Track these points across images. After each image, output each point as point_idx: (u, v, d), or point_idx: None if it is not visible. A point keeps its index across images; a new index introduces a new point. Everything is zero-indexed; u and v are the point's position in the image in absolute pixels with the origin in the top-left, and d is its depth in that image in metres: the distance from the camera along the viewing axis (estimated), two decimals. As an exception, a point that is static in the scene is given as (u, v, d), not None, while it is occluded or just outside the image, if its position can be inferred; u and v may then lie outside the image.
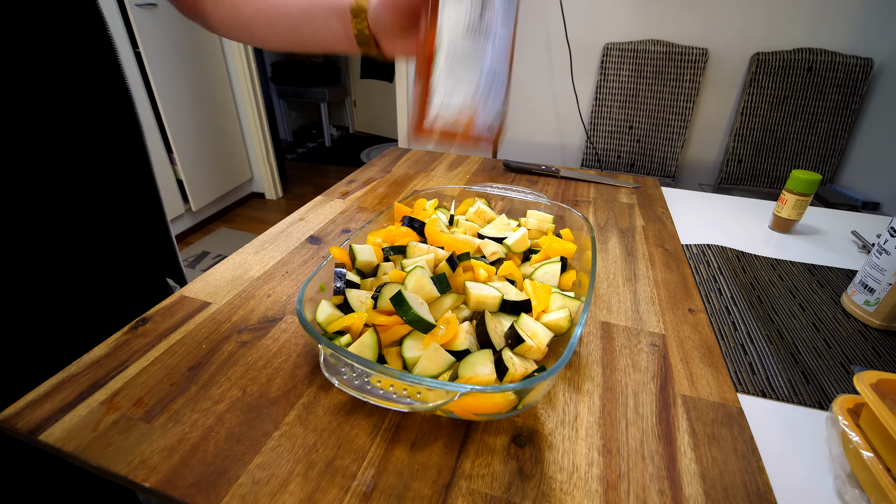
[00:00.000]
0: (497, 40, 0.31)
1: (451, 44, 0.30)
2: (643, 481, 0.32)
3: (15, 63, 0.38)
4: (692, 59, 1.62)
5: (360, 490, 0.31)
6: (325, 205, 0.74)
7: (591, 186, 0.86)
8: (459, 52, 0.30)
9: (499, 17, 0.31)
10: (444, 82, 0.31)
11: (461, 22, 0.30)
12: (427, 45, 0.31)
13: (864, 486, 0.32)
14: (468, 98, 0.31)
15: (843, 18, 1.49)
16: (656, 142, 1.75)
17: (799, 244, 0.70)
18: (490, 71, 0.31)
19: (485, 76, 0.31)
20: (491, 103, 0.31)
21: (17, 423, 0.34)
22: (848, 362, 0.46)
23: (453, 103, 0.31)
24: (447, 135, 0.31)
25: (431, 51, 0.31)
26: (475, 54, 0.30)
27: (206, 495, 0.30)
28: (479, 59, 0.30)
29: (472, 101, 0.31)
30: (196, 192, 2.22)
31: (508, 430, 0.36)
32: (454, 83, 0.31)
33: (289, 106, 3.70)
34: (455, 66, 0.31)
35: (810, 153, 1.62)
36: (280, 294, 0.51)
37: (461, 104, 0.31)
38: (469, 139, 0.31)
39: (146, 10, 1.81)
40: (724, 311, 0.53)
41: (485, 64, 0.31)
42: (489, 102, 0.31)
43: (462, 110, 0.31)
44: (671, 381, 0.41)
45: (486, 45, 0.30)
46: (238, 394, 0.38)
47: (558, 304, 0.44)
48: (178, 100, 2.03)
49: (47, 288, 0.44)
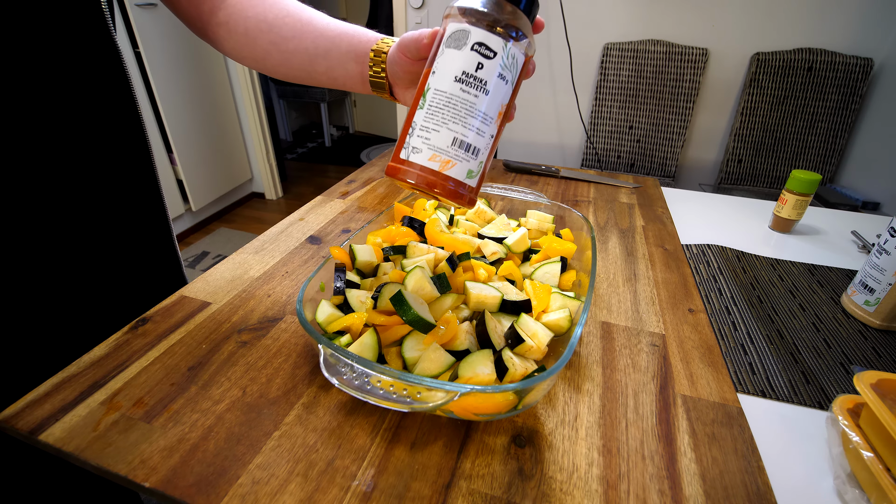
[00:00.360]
0: (490, 97, 0.30)
1: (439, 88, 0.30)
2: (643, 481, 0.32)
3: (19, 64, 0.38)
4: (692, 59, 1.62)
5: (360, 490, 0.31)
6: (325, 205, 0.74)
7: (591, 186, 0.86)
8: (445, 98, 0.29)
9: (495, 74, 0.30)
10: (424, 123, 0.30)
11: (455, 69, 0.29)
12: (420, 84, 0.31)
13: (864, 486, 0.32)
14: (443, 145, 0.29)
15: (843, 18, 1.49)
16: (656, 142, 1.75)
17: (799, 244, 0.70)
18: (474, 126, 0.30)
19: (467, 130, 0.30)
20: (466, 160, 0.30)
21: (17, 423, 0.34)
22: (848, 362, 0.46)
23: (427, 147, 0.29)
24: (417, 177, 0.30)
25: (422, 90, 0.31)
26: (462, 105, 0.29)
27: (206, 495, 0.30)
28: (466, 111, 0.29)
29: (448, 149, 0.29)
30: (196, 192, 2.22)
31: (508, 430, 0.36)
32: (433, 126, 0.30)
33: (289, 106, 3.70)
34: (439, 110, 0.30)
35: (810, 153, 1.62)
36: (280, 294, 0.51)
37: (434, 150, 0.29)
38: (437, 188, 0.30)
39: (146, 10, 1.81)
40: (724, 311, 0.53)
41: (470, 118, 0.30)
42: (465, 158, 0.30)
43: (435, 156, 0.29)
44: (671, 381, 0.41)
45: (475, 99, 0.29)
46: (238, 394, 0.38)
47: (558, 304, 0.44)
48: (178, 100, 2.03)
49: (48, 288, 0.44)
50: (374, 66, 0.39)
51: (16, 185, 0.40)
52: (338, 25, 0.42)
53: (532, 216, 0.58)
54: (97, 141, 0.46)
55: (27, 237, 0.41)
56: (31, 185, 0.41)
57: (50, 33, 0.39)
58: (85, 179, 0.45)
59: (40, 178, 0.41)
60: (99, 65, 0.44)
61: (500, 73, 0.30)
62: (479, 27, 0.29)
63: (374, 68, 0.39)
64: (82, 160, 0.45)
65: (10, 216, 0.40)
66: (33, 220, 0.42)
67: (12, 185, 0.39)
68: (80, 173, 0.45)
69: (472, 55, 0.29)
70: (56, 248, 0.44)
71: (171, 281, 0.58)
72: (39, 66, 0.39)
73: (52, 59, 0.40)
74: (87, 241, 0.47)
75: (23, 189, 0.40)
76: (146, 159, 0.52)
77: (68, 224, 0.44)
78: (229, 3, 0.44)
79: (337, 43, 0.41)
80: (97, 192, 0.47)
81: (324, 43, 0.41)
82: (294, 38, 0.42)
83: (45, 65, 0.40)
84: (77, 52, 0.42)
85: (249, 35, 0.44)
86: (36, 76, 0.39)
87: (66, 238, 0.45)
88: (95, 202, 0.47)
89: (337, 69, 0.42)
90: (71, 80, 0.42)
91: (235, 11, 0.44)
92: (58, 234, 0.44)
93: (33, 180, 0.41)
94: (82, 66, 0.43)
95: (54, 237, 0.44)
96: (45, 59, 0.39)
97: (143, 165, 0.52)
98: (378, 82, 0.40)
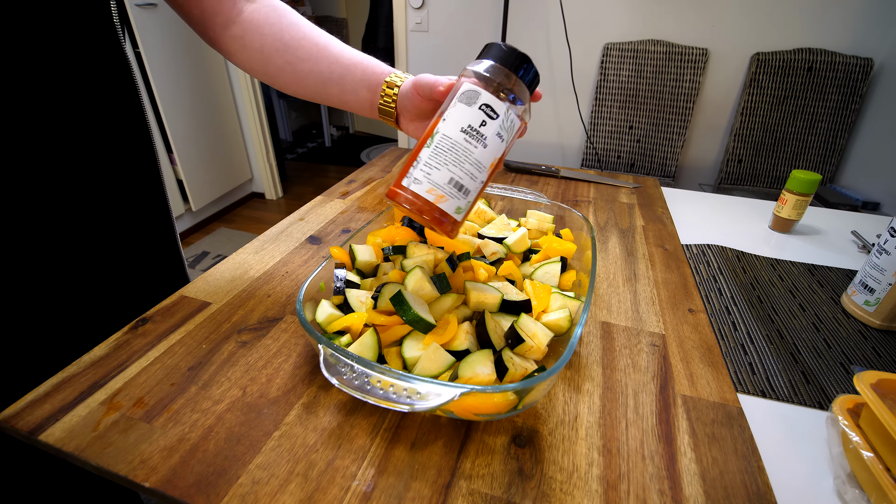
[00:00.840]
0: (487, 150, 0.35)
1: (447, 134, 0.35)
2: (643, 481, 0.32)
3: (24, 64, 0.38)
4: (692, 59, 1.62)
5: (360, 490, 0.31)
6: (325, 205, 0.74)
7: (591, 186, 0.86)
8: (450, 143, 0.34)
9: (495, 132, 0.35)
10: (427, 160, 0.35)
11: (463, 121, 0.35)
12: (431, 126, 0.36)
13: (864, 486, 0.32)
14: (441, 182, 0.34)
15: (843, 18, 1.49)
16: (656, 142, 1.75)
17: (799, 244, 0.70)
18: (469, 172, 0.35)
19: (463, 173, 0.35)
20: (457, 198, 0.35)
21: (17, 423, 0.34)
22: (848, 362, 0.46)
23: (427, 180, 0.34)
24: (412, 203, 0.34)
25: (431, 132, 0.36)
26: (463, 152, 0.34)
27: (206, 495, 0.30)
28: (465, 157, 0.34)
29: (444, 186, 0.34)
30: (196, 192, 2.22)
31: (508, 430, 0.36)
32: (435, 164, 0.34)
33: (289, 106, 3.70)
34: (443, 153, 0.34)
35: (810, 153, 1.62)
36: (280, 294, 0.51)
37: (432, 184, 0.34)
38: (427, 216, 0.35)
39: (146, 10, 1.81)
40: (724, 311, 0.53)
41: (467, 164, 0.35)
42: (456, 196, 0.35)
43: (432, 189, 0.34)
44: (671, 381, 0.41)
45: (475, 149, 0.35)
46: (238, 394, 0.38)
47: (558, 304, 0.44)
48: (178, 100, 2.03)
49: (48, 288, 0.44)
50: (384, 97, 0.43)
51: (22, 185, 0.40)
52: (353, 54, 0.45)
53: (532, 216, 0.58)
54: (103, 144, 0.46)
55: (31, 237, 0.42)
56: (37, 185, 0.41)
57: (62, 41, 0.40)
58: (91, 182, 0.45)
59: (46, 179, 0.42)
60: (108, 72, 0.45)
61: (498, 132, 0.35)
62: (488, 91, 0.35)
63: (385, 98, 0.43)
64: (88, 163, 0.45)
65: (15, 216, 0.40)
66: (38, 221, 0.42)
67: (19, 186, 0.40)
68: (86, 176, 0.45)
69: (479, 113, 0.35)
70: (59, 248, 0.44)
71: (174, 280, 0.58)
72: (50, 73, 0.40)
73: (63, 66, 0.40)
74: (90, 241, 0.47)
75: (29, 189, 0.40)
76: (152, 162, 0.52)
77: (72, 224, 0.45)
78: (245, 19, 0.45)
79: (351, 70, 0.44)
80: (102, 193, 0.47)
81: (338, 69, 0.44)
82: (309, 60, 0.44)
83: (56, 72, 0.40)
84: (87, 59, 0.42)
85: (265, 52, 0.45)
86: (46, 82, 0.39)
87: (70, 238, 0.45)
88: (100, 203, 0.47)
89: (349, 94, 0.45)
90: (80, 85, 0.42)
91: (251, 28, 0.45)
92: (62, 234, 0.44)
93: (39, 181, 0.41)
94: (92, 73, 0.43)
95: (58, 237, 0.44)
96: (56, 66, 0.40)
97: (148, 168, 0.52)
98: (387, 110, 0.43)
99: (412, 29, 1.96)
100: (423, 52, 1.99)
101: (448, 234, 0.36)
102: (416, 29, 1.95)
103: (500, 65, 0.36)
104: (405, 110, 0.42)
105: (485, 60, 0.36)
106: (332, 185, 0.83)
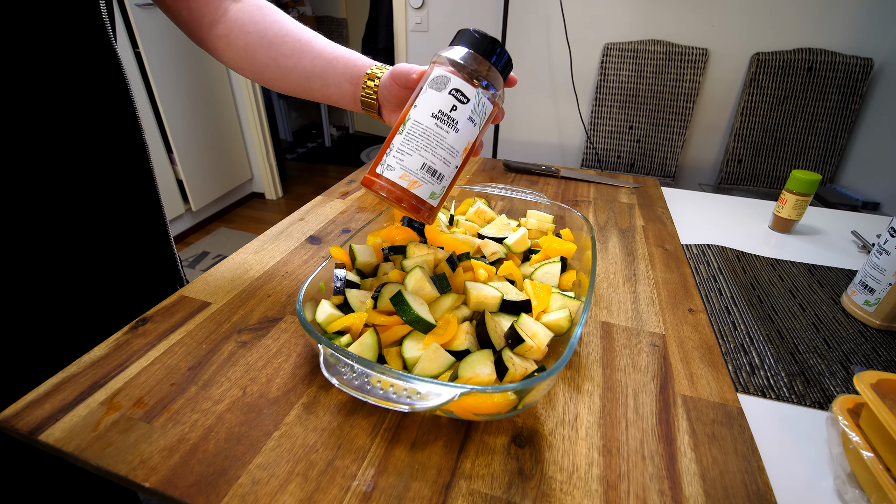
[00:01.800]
0: (459, 135, 0.35)
1: (418, 120, 0.35)
2: (643, 481, 0.32)
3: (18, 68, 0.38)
4: (692, 59, 1.62)
5: (360, 490, 0.31)
6: (325, 205, 0.74)
7: (591, 186, 0.86)
8: (422, 129, 0.35)
9: (466, 117, 0.35)
10: (400, 146, 0.35)
11: (433, 107, 0.35)
12: (403, 113, 0.36)
13: (864, 486, 0.32)
14: (414, 167, 0.35)
15: (843, 18, 1.49)
16: (656, 142, 1.75)
17: (799, 244, 0.70)
18: (442, 157, 0.35)
19: (436, 158, 0.35)
20: (431, 183, 0.35)
21: (17, 423, 0.34)
22: (848, 362, 0.46)
23: (400, 166, 0.35)
24: (387, 190, 0.35)
25: (403, 119, 0.36)
26: (435, 137, 0.35)
27: (206, 495, 0.30)
28: (437, 143, 0.35)
29: (417, 172, 0.35)
30: (196, 192, 2.22)
31: (508, 430, 0.36)
32: (408, 150, 0.35)
33: (289, 106, 3.70)
34: (414, 138, 0.35)
35: (810, 153, 1.62)
36: (280, 294, 0.51)
37: (405, 170, 0.35)
38: (403, 202, 0.35)
39: (146, 10, 1.81)
40: (724, 311, 0.53)
41: (440, 149, 0.35)
42: (430, 182, 0.35)
43: (405, 175, 0.34)
44: (671, 381, 0.41)
45: (447, 134, 0.35)
46: (238, 394, 0.38)
47: (558, 304, 0.44)
48: (178, 100, 2.03)
49: (47, 288, 0.44)
50: (366, 88, 0.44)
51: (16, 184, 0.40)
52: (335, 48, 0.46)
53: (532, 216, 0.58)
54: (95, 144, 0.46)
55: (27, 237, 0.41)
56: (31, 184, 0.41)
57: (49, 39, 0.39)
58: (82, 179, 0.45)
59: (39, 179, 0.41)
60: (98, 71, 0.44)
61: (469, 117, 0.36)
62: (458, 76, 0.35)
63: (366, 90, 0.44)
64: (81, 162, 0.45)
65: (10, 216, 0.40)
66: (33, 220, 0.42)
67: (12, 185, 0.39)
68: (78, 173, 0.45)
69: (450, 98, 0.35)
70: (55, 247, 0.44)
71: (168, 277, 0.58)
72: (38, 71, 0.39)
73: (51, 64, 0.40)
74: (85, 240, 0.47)
75: (22, 189, 0.40)
76: (143, 159, 0.52)
77: (67, 223, 0.44)
78: (230, 18, 0.46)
79: (334, 64, 0.45)
80: (94, 192, 0.47)
81: (321, 63, 0.45)
82: (293, 56, 0.45)
83: (44, 70, 0.40)
84: (75, 58, 0.42)
85: (249, 49, 0.46)
86: (34, 81, 0.39)
87: (65, 237, 0.45)
88: (94, 202, 0.47)
89: (332, 87, 0.45)
90: (69, 85, 0.42)
91: (236, 26, 0.46)
92: (57, 233, 0.44)
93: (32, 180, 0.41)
94: (81, 73, 0.43)
95: (53, 236, 0.44)
96: (43, 64, 0.39)
97: (139, 165, 0.52)
98: (369, 102, 0.44)
99: (412, 29, 1.96)
100: (423, 52, 1.99)
101: (425, 220, 0.37)
102: (416, 29, 1.95)
103: (470, 50, 0.36)
104: (386, 101, 0.43)
105: (456, 46, 0.36)
106: (332, 185, 0.83)
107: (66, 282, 0.46)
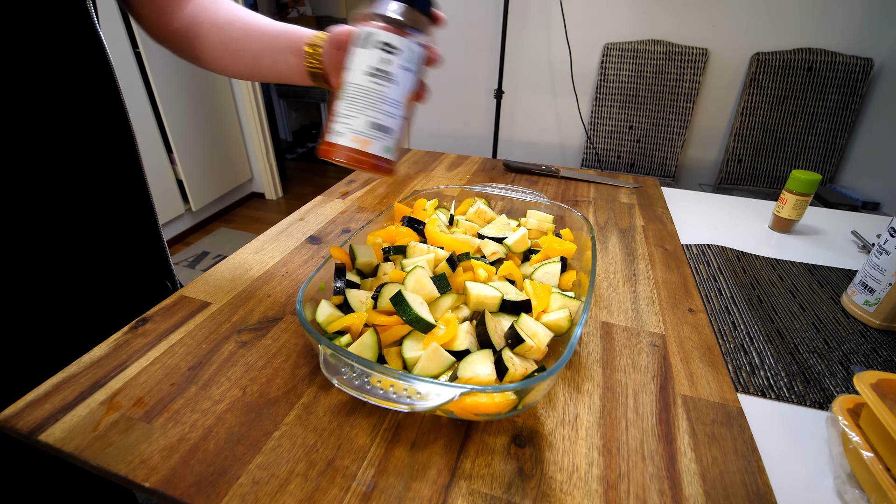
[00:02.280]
0: (398, 86, 0.36)
1: (353, 81, 0.35)
2: (643, 481, 0.32)
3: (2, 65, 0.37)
4: (692, 59, 1.62)
5: (360, 490, 0.31)
6: (325, 205, 0.74)
7: (591, 186, 0.86)
8: (360, 89, 0.35)
9: (400, 66, 0.35)
10: (343, 111, 0.35)
11: (365, 65, 0.35)
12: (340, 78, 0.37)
13: (864, 486, 0.32)
14: (361, 128, 0.35)
15: (843, 18, 1.49)
16: (656, 142, 1.75)
17: (799, 244, 0.70)
18: (386, 111, 0.35)
19: (380, 114, 0.35)
20: (381, 139, 0.36)
21: (17, 423, 0.34)
22: (848, 362, 0.46)
23: (348, 130, 0.35)
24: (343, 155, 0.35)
25: (339, 83, 0.36)
26: (374, 94, 0.35)
27: (206, 495, 0.30)
28: (377, 99, 0.35)
29: (365, 131, 0.35)
30: (196, 192, 2.22)
31: (508, 430, 0.36)
32: (352, 113, 0.35)
33: (289, 106, 3.70)
34: (354, 100, 0.35)
35: (810, 153, 1.62)
36: (280, 294, 0.51)
37: (353, 132, 0.35)
38: (363, 164, 0.36)
39: (146, 10, 1.80)
40: (724, 311, 0.53)
41: (382, 104, 0.35)
42: (380, 138, 0.36)
43: (356, 138, 0.35)
44: (671, 381, 0.41)
45: (385, 88, 0.35)
46: (238, 394, 0.38)
47: (558, 304, 0.44)
48: (178, 100, 2.03)
49: (47, 288, 0.44)
50: (309, 59, 0.43)
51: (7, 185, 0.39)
52: (279, 25, 0.46)
53: (532, 216, 0.58)
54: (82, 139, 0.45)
55: (23, 237, 0.41)
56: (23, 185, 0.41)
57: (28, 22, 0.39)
58: (74, 180, 0.45)
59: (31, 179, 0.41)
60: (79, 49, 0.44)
61: (402, 65, 0.35)
62: (381, 28, 0.35)
63: (310, 60, 0.43)
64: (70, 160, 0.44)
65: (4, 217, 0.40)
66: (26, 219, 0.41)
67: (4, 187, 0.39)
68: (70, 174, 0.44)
69: (378, 52, 0.35)
70: (54, 249, 0.44)
71: (158, 272, 0.57)
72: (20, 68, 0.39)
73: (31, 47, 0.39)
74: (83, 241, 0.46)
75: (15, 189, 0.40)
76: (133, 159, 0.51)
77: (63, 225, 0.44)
78: (186, 15, 0.48)
79: (279, 39, 0.45)
80: (86, 193, 0.46)
81: (267, 41, 0.45)
82: (241, 39, 0.46)
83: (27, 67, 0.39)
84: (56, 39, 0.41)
85: (201, 38, 0.47)
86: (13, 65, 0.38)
87: (64, 238, 0.45)
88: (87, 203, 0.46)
89: (280, 64, 0.45)
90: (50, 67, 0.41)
91: (190, 21, 0.48)
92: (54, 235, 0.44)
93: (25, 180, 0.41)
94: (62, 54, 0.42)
95: (52, 237, 0.44)
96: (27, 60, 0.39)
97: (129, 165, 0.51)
98: (316, 73, 0.44)
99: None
100: (423, 52, 1.99)
101: (387, 174, 0.38)
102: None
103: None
104: (331, 69, 0.42)
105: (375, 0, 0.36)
106: (332, 185, 0.83)
107: (67, 282, 0.46)
